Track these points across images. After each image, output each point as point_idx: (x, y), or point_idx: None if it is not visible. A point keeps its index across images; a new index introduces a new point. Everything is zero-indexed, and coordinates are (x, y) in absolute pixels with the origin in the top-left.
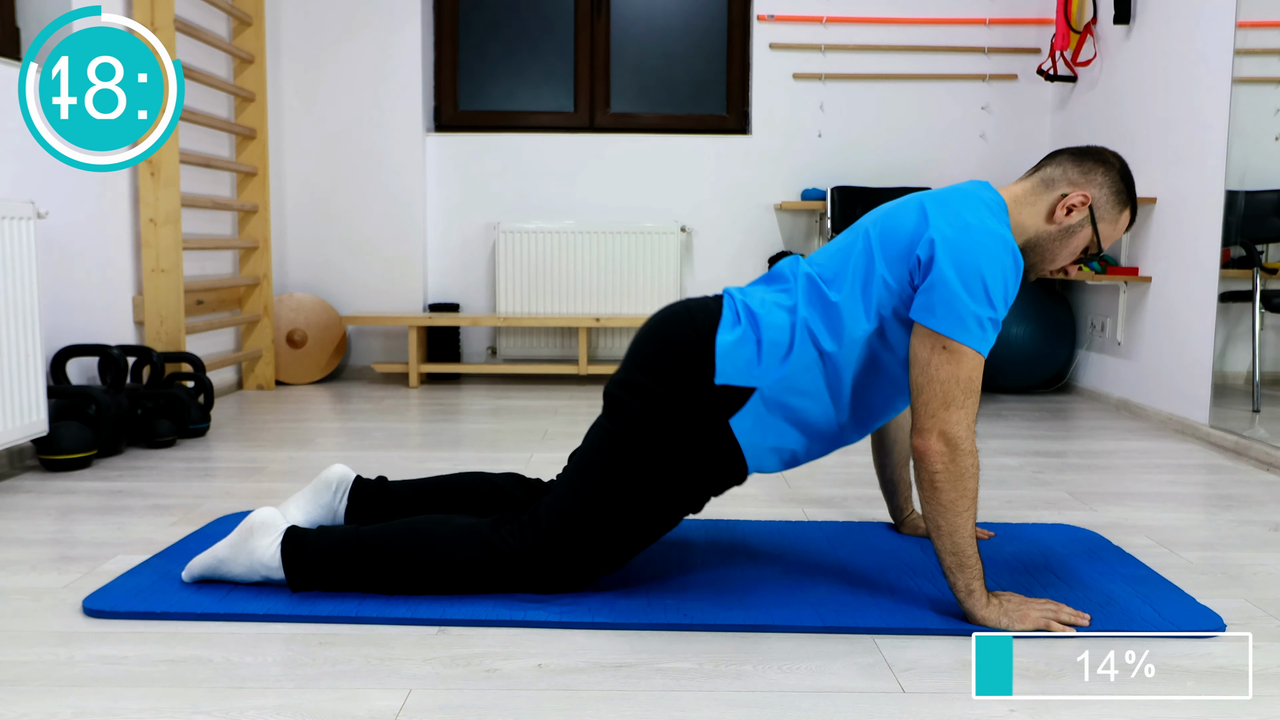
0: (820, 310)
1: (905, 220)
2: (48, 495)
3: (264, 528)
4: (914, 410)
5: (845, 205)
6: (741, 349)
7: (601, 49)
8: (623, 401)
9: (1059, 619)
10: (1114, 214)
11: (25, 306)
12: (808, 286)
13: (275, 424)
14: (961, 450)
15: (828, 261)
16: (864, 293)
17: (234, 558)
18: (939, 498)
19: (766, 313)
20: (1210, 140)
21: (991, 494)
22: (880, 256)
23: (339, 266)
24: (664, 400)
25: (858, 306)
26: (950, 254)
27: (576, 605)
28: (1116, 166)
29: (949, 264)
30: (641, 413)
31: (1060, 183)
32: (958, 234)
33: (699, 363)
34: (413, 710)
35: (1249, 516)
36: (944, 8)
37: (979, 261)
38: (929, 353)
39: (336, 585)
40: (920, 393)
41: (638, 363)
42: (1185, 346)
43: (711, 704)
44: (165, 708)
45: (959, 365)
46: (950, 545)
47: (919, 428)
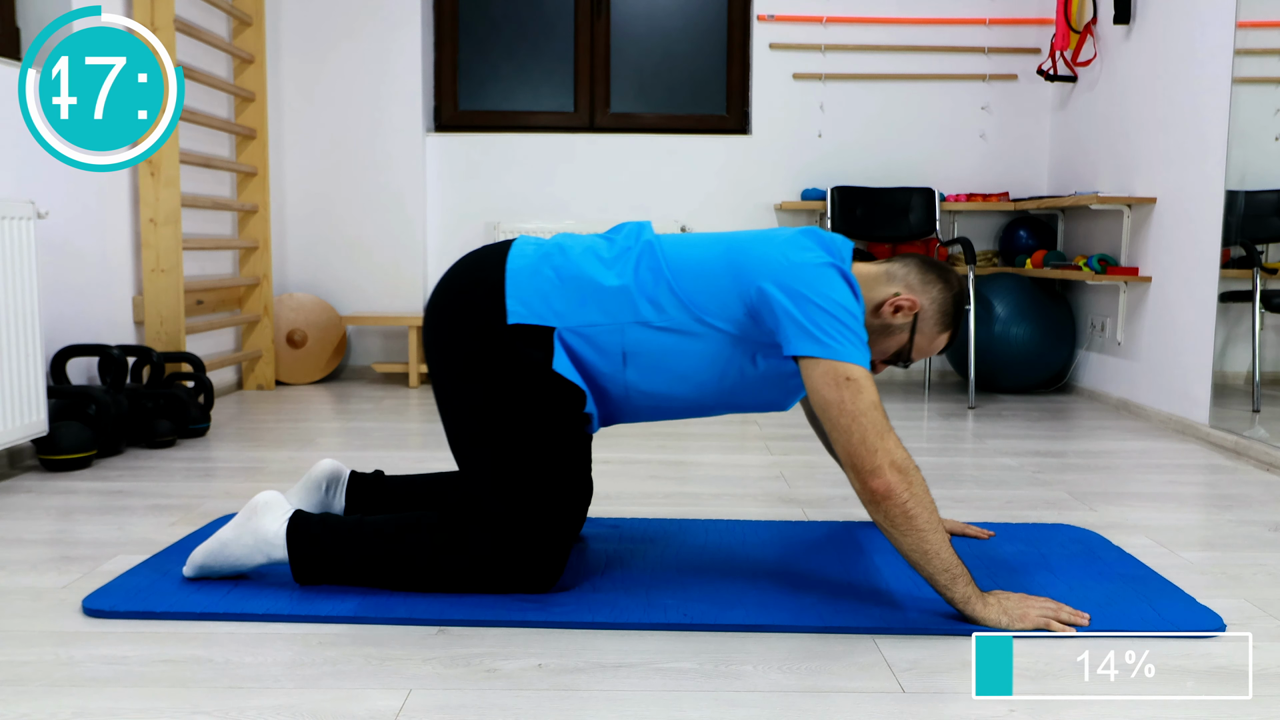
0: (650, 281)
1: (752, 260)
2: (48, 495)
3: (269, 507)
4: (850, 454)
5: (845, 205)
6: (535, 283)
7: (601, 49)
8: (440, 370)
9: (1059, 618)
10: (934, 330)
11: (25, 306)
12: (648, 255)
13: (275, 424)
14: (911, 470)
15: (682, 254)
16: (707, 295)
17: (238, 538)
18: (914, 524)
19: (579, 261)
20: (1210, 140)
21: (991, 494)
22: (732, 283)
23: (339, 266)
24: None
25: (701, 302)
26: (796, 290)
27: (576, 605)
28: (954, 290)
29: (799, 297)
30: (460, 377)
31: (899, 282)
32: (795, 272)
33: (490, 307)
34: (413, 710)
35: (1249, 516)
36: (944, 8)
37: (826, 290)
38: (834, 390)
39: (338, 571)
40: (849, 434)
41: (438, 326)
42: (1185, 346)
43: (711, 704)
44: (165, 708)
45: (864, 390)
46: (939, 564)
47: (868, 469)
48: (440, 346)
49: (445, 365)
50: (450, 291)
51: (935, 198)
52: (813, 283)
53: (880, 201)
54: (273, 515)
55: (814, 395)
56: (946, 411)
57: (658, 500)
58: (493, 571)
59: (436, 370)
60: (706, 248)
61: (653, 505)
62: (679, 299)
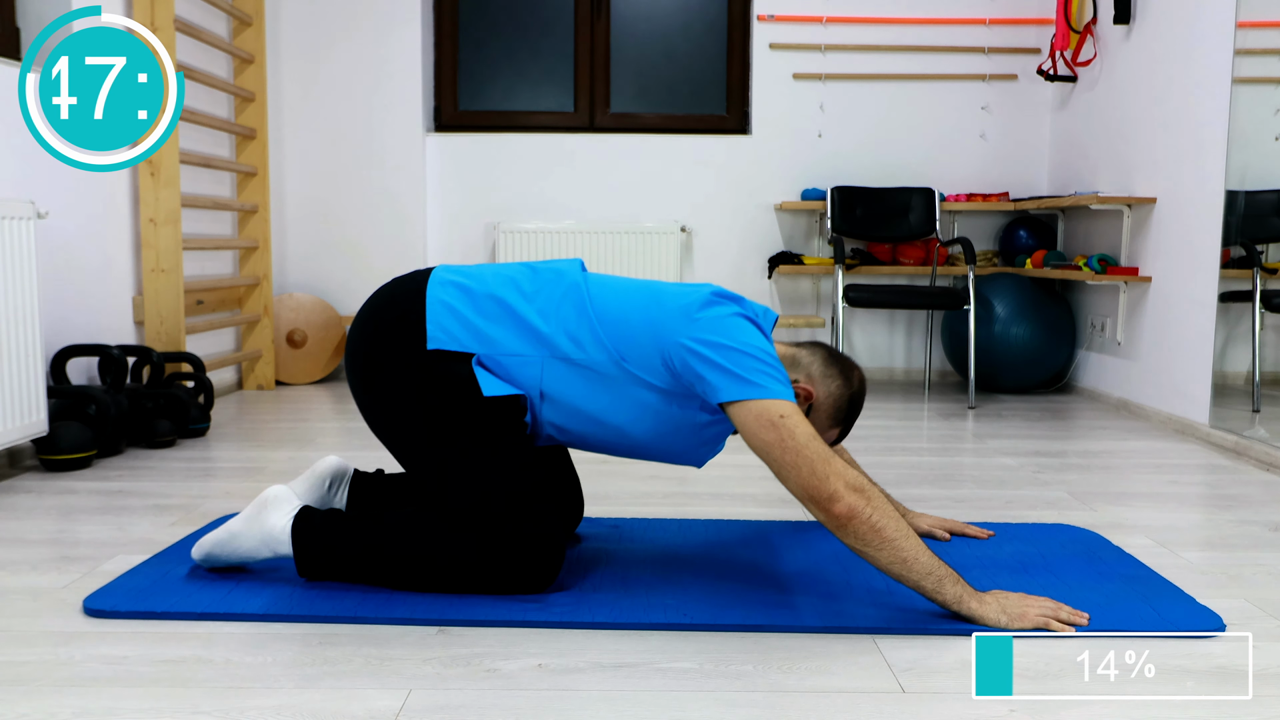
0: (573, 317)
1: (664, 317)
2: (48, 495)
3: (278, 502)
4: (803, 489)
5: (845, 205)
6: (454, 310)
7: (601, 49)
8: (368, 400)
9: (1058, 617)
10: (824, 423)
11: (25, 306)
12: (573, 293)
13: (275, 424)
14: (867, 486)
15: (606, 299)
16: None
17: (246, 531)
18: (884, 536)
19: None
20: (1210, 140)
21: (991, 494)
22: (652, 338)
23: (339, 266)
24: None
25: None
26: (712, 341)
27: (577, 605)
28: (852, 389)
29: (717, 346)
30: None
31: (801, 368)
32: (710, 324)
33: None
34: (413, 710)
35: (1249, 516)
36: (944, 8)
37: (741, 335)
38: (771, 431)
39: (340, 568)
40: (797, 470)
41: (361, 354)
42: (1185, 346)
43: (711, 704)
44: (165, 708)
45: (798, 424)
46: (920, 569)
47: (825, 496)
48: (364, 376)
49: (373, 395)
50: (370, 323)
51: (935, 198)
52: (728, 330)
53: (880, 201)
54: (280, 511)
55: (751, 441)
56: (946, 411)
57: (657, 500)
58: (487, 573)
59: (364, 400)
60: (630, 296)
61: (652, 505)
62: (600, 340)
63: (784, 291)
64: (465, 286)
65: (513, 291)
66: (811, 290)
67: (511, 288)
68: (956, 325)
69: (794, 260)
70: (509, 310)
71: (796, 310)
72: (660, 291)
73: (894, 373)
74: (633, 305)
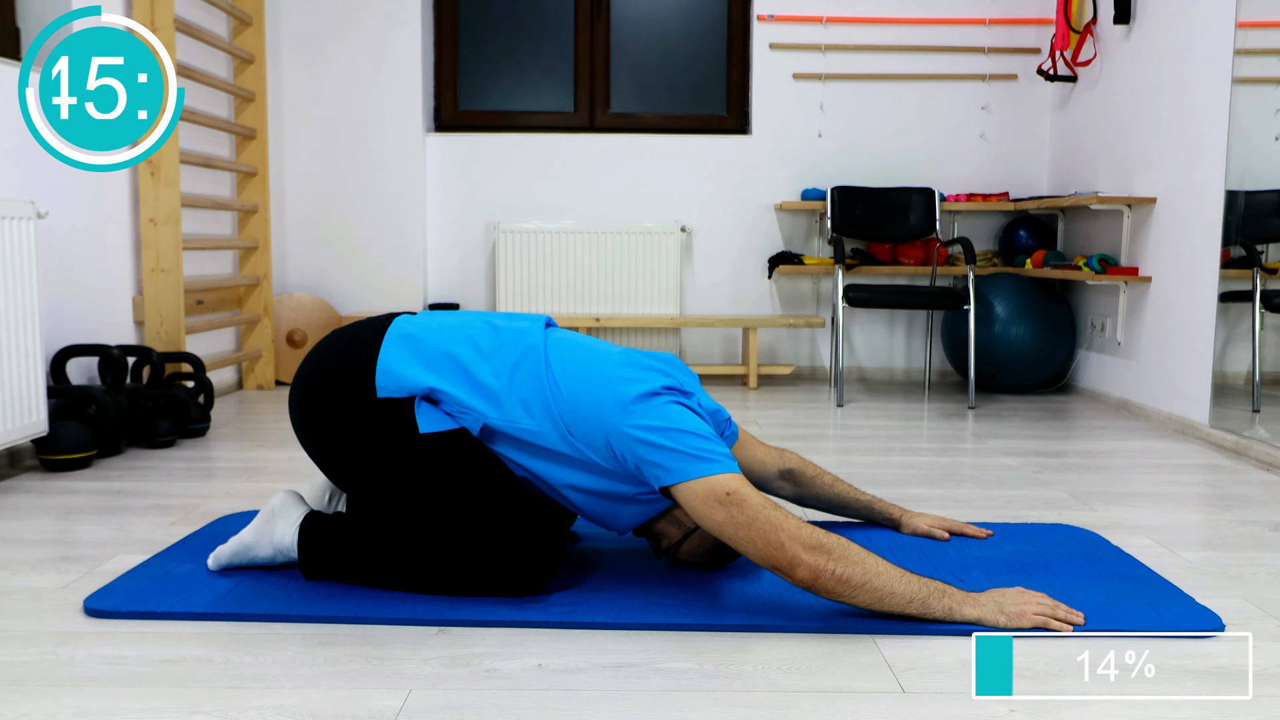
0: (526, 383)
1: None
2: (48, 495)
3: (284, 511)
4: (763, 561)
5: (845, 205)
6: (405, 363)
7: (601, 49)
8: (317, 444)
9: (1055, 615)
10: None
11: (25, 306)
12: (530, 358)
13: (275, 424)
14: (827, 544)
15: (564, 370)
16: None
17: (259, 542)
18: (852, 584)
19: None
20: (1210, 140)
21: (991, 494)
22: (597, 418)
23: (339, 266)
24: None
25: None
26: (650, 425)
27: (576, 605)
28: None
29: (654, 430)
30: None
31: None
32: (643, 414)
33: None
34: (413, 710)
35: (1249, 516)
36: (944, 8)
37: (675, 417)
38: (720, 510)
39: (343, 571)
40: (753, 544)
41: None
42: (1185, 346)
43: (711, 704)
44: (165, 708)
45: (747, 497)
46: (900, 601)
47: (785, 565)
48: (311, 425)
49: (323, 443)
50: (319, 371)
51: (935, 198)
52: (665, 415)
53: (880, 201)
54: (287, 520)
55: (703, 523)
56: (946, 411)
57: None
58: (482, 579)
59: (316, 449)
60: (584, 370)
61: None
62: (550, 412)
63: (784, 291)
64: (420, 340)
65: (469, 349)
66: (811, 290)
67: (468, 345)
68: (956, 325)
69: (794, 260)
70: (462, 369)
71: (796, 310)
72: (611, 373)
73: (894, 373)
74: (584, 381)
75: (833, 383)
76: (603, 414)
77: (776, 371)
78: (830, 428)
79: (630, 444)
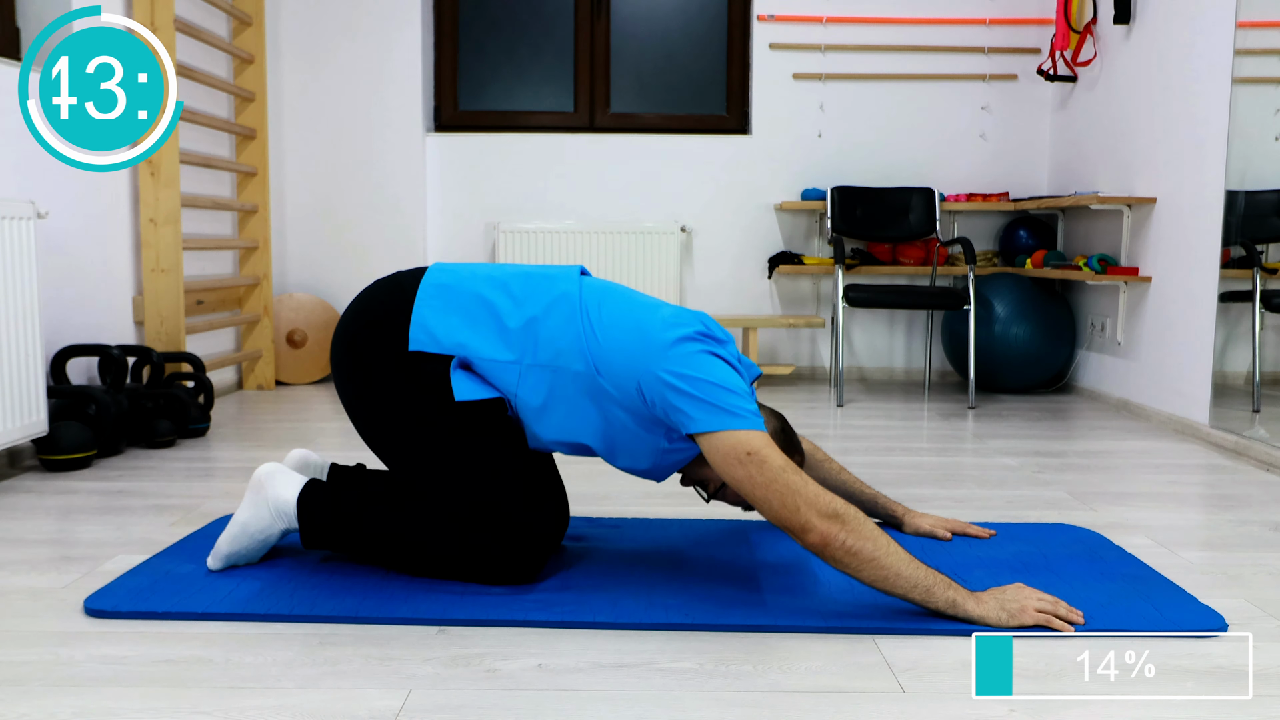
0: (561, 325)
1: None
2: (48, 495)
3: (279, 476)
4: (778, 521)
5: (845, 205)
6: (441, 312)
7: (601, 49)
8: (353, 397)
9: (1056, 613)
10: None
11: (25, 306)
12: (564, 302)
13: (275, 424)
14: (843, 514)
15: (600, 314)
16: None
17: (256, 514)
18: (861, 557)
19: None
20: (1210, 140)
21: (991, 494)
22: (628, 362)
23: (339, 266)
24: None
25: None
26: (685, 374)
27: (576, 605)
28: (780, 422)
29: (689, 379)
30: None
31: None
32: (678, 360)
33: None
34: (413, 710)
35: (1249, 516)
36: (944, 8)
37: (711, 369)
38: (740, 467)
39: (343, 548)
40: (769, 503)
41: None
42: (1185, 346)
43: (711, 704)
44: (165, 708)
45: (768, 457)
46: (905, 583)
47: (798, 527)
48: (347, 372)
49: (355, 391)
50: (359, 320)
51: (935, 198)
52: (701, 365)
53: (880, 201)
54: (286, 481)
55: (723, 475)
56: (946, 411)
57: (658, 500)
58: (474, 560)
59: (349, 397)
60: (618, 316)
61: (653, 505)
62: (581, 352)
63: (784, 291)
64: (454, 288)
65: (501, 294)
66: (811, 290)
67: (500, 290)
68: (956, 325)
69: (794, 260)
70: (493, 313)
71: (796, 310)
72: (645, 320)
73: (894, 373)
74: (619, 327)
75: (833, 383)
76: (636, 358)
77: (777, 371)
78: (830, 428)
79: (661, 388)
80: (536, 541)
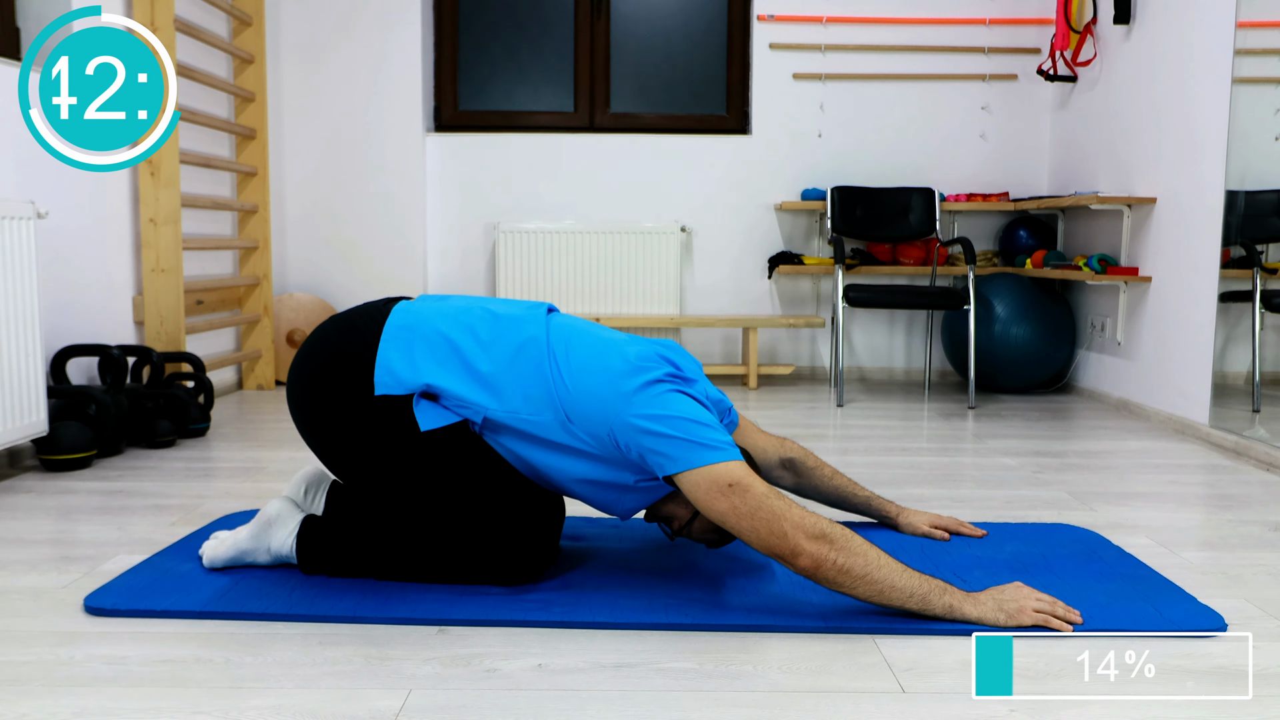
0: (530, 372)
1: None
2: (48, 495)
3: (282, 520)
4: (766, 550)
5: (845, 205)
6: (405, 354)
7: (601, 49)
8: (314, 432)
9: (1055, 613)
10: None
11: (25, 306)
12: (532, 347)
13: (275, 424)
14: (830, 534)
15: (569, 358)
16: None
17: (255, 549)
18: (853, 575)
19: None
20: (1210, 140)
21: (991, 494)
22: (599, 409)
23: (339, 266)
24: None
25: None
26: (654, 414)
27: (577, 605)
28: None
29: (658, 419)
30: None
31: None
32: (645, 402)
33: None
34: (413, 710)
35: (1249, 516)
36: (944, 8)
37: (678, 407)
38: (723, 500)
39: (343, 571)
40: (756, 534)
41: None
42: (1185, 346)
43: (711, 704)
44: (165, 708)
45: (750, 487)
46: (900, 595)
47: (788, 554)
48: (308, 415)
49: (320, 433)
50: (317, 363)
51: (935, 198)
52: (667, 403)
53: (880, 201)
54: (285, 529)
55: (706, 511)
56: (946, 411)
57: None
58: (477, 570)
59: (311, 436)
60: (586, 359)
61: None
62: (551, 401)
63: (784, 291)
64: (417, 329)
65: (467, 337)
66: (811, 290)
67: (466, 333)
68: (956, 325)
69: (794, 260)
70: (461, 358)
71: (796, 310)
72: (613, 363)
73: (894, 373)
74: (587, 371)
75: (833, 383)
76: (606, 404)
77: (776, 371)
78: (830, 428)
79: (633, 433)
80: (534, 541)
